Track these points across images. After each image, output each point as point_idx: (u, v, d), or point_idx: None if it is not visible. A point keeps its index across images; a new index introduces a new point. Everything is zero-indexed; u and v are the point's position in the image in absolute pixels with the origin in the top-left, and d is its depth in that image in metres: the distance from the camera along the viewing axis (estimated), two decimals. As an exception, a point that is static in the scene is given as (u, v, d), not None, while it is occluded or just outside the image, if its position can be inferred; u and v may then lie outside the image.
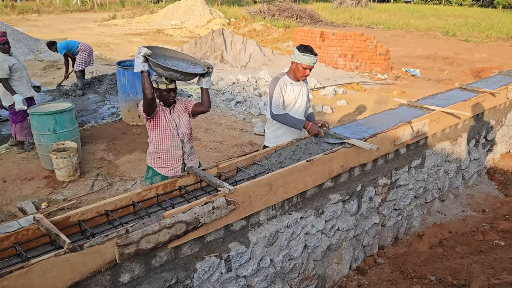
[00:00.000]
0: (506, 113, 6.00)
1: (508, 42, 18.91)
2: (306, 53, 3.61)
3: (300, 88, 3.85)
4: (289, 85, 3.77)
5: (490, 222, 4.67)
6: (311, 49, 3.66)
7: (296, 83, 3.81)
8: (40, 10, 26.58)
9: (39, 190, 5.05)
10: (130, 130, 6.95)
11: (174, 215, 2.38)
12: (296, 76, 3.76)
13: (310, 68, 3.71)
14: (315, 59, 3.66)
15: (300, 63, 3.66)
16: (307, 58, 3.61)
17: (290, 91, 3.77)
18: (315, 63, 3.70)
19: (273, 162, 3.26)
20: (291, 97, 3.80)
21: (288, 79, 3.79)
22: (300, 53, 3.63)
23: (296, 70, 3.72)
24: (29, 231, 2.24)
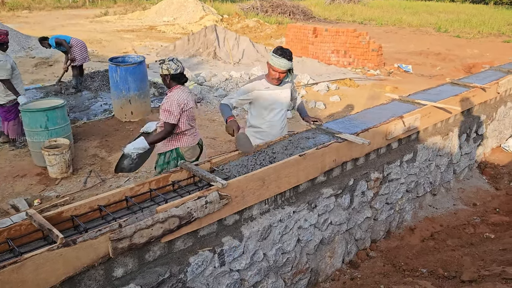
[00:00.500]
0: (497, 107, 6.07)
1: (499, 38, 19.06)
2: (275, 54, 3.41)
3: (280, 91, 3.65)
4: (263, 90, 3.58)
5: (481, 216, 4.73)
6: (287, 53, 3.43)
7: (273, 87, 3.61)
8: (31, 7, 26.30)
9: (31, 187, 5.03)
10: (123, 126, 6.93)
11: (167, 209, 2.39)
12: (269, 79, 3.60)
13: (280, 72, 3.48)
14: (287, 63, 3.42)
15: (271, 65, 3.48)
16: (276, 61, 3.42)
17: (265, 96, 3.59)
18: (288, 68, 3.47)
19: (266, 157, 3.27)
20: (267, 102, 3.62)
21: (265, 83, 3.61)
22: (272, 54, 3.45)
23: (268, 71, 3.57)
24: (21, 227, 2.24)
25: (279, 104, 3.68)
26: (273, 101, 3.64)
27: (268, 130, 3.74)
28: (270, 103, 3.63)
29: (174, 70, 3.58)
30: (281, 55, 3.40)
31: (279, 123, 3.77)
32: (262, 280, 3.08)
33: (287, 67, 3.46)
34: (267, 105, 3.64)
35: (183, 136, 3.76)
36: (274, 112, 3.69)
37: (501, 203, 5.02)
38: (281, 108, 3.72)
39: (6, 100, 5.68)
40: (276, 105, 3.67)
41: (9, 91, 5.62)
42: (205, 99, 8.57)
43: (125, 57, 7.61)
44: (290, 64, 3.46)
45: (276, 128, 3.77)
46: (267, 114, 3.68)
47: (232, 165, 3.11)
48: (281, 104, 3.70)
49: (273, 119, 3.71)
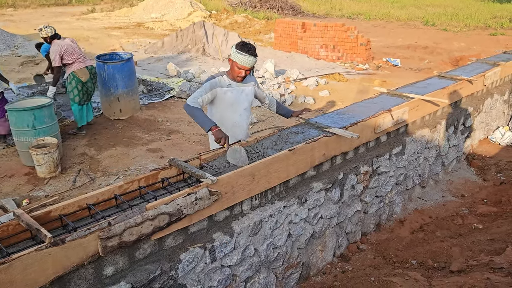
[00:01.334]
0: (483, 100, 6.13)
1: (485, 31, 19.24)
2: (241, 52, 3.19)
3: (243, 89, 3.46)
4: (225, 87, 3.37)
5: (469, 207, 4.79)
6: (251, 48, 3.23)
7: (235, 84, 3.41)
8: (16, 5, 25.89)
9: (19, 187, 4.97)
10: (111, 124, 6.88)
11: (157, 207, 2.38)
12: (232, 76, 3.39)
13: (246, 69, 3.29)
14: (251, 60, 3.22)
15: (234, 61, 3.27)
16: (241, 57, 3.21)
17: (228, 94, 3.39)
18: (252, 64, 3.27)
19: (255, 153, 3.27)
20: (228, 100, 3.41)
21: (226, 80, 3.39)
22: (235, 50, 3.22)
23: (232, 68, 3.34)
24: (9, 227, 2.21)
25: (242, 102, 3.49)
26: (236, 100, 3.44)
27: (233, 131, 3.48)
28: (232, 102, 3.43)
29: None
30: (248, 52, 3.20)
31: (244, 123, 3.58)
32: (253, 275, 3.09)
33: (253, 64, 3.28)
34: (229, 104, 3.43)
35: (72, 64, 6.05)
36: (236, 112, 3.49)
37: (489, 194, 5.08)
38: (244, 106, 3.52)
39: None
40: (240, 104, 3.48)
41: None
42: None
43: (113, 54, 7.53)
44: (256, 60, 3.29)
45: (241, 128, 3.58)
46: (230, 114, 3.47)
47: (221, 161, 3.11)
48: (244, 101, 3.51)
49: (238, 119, 3.51)
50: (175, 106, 7.97)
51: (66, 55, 5.95)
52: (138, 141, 6.27)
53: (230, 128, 3.48)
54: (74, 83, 6.12)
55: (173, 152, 5.85)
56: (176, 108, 7.86)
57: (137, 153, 5.86)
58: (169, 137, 6.49)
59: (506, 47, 13.79)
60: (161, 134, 6.60)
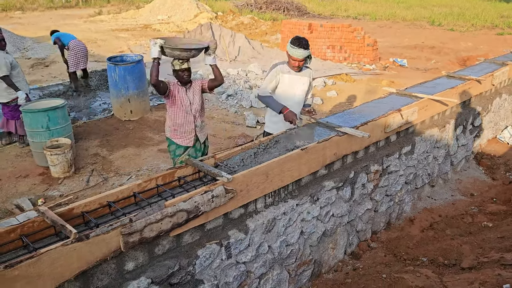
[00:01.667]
0: (492, 99, 6.16)
1: (492, 31, 19.18)
2: (294, 46, 3.73)
3: (300, 78, 3.94)
4: (286, 73, 3.89)
5: (478, 205, 4.82)
6: (303, 42, 3.73)
7: (294, 73, 3.91)
8: (24, 7, 26.15)
9: (34, 187, 5.07)
10: (122, 125, 6.97)
11: (176, 204, 2.45)
12: (290, 66, 3.89)
13: (299, 60, 3.79)
14: (303, 52, 3.73)
15: (290, 55, 3.80)
16: (293, 50, 3.74)
17: (286, 79, 3.89)
18: (305, 56, 3.77)
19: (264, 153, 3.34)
20: (286, 85, 3.91)
21: (286, 68, 3.91)
22: (290, 44, 3.76)
23: (288, 60, 3.88)
24: (34, 223, 2.29)
25: (297, 88, 3.95)
26: (293, 85, 3.93)
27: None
28: (290, 87, 3.92)
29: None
30: (298, 46, 3.70)
31: (297, 109, 3.99)
32: (267, 272, 3.16)
33: (305, 55, 3.75)
34: (287, 88, 3.92)
35: None
36: (293, 97, 3.94)
37: (498, 193, 5.11)
38: (298, 93, 3.97)
39: (10, 98, 5.71)
40: (295, 90, 3.94)
41: (11, 89, 5.67)
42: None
43: (123, 56, 7.64)
44: (308, 52, 3.75)
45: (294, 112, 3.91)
46: (287, 98, 3.91)
47: (235, 160, 3.18)
48: (300, 89, 3.96)
49: (290, 102, 3.91)
50: (184, 107, 8.04)
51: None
52: (149, 142, 6.35)
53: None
54: None
55: (183, 152, 5.92)
56: (185, 109, 7.93)
57: (149, 153, 5.94)
58: (179, 137, 6.56)
59: (514, 46, 13.75)
60: (171, 134, 6.67)
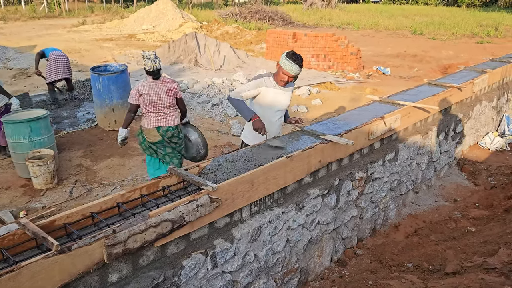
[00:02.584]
0: (473, 106, 6.28)
1: (472, 39, 19.64)
2: (290, 60, 3.57)
3: (283, 92, 3.82)
4: (271, 88, 3.75)
5: (462, 211, 4.89)
6: (299, 58, 3.61)
7: (279, 87, 3.78)
8: (6, 17, 25.88)
9: (16, 199, 4.97)
10: (107, 135, 6.91)
11: (160, 214, 2.43)
12: (277, 79, 3.76)
13: (289, 76, 3.65)
14: (297, 68, 3.60)
15: (283, 69, 3.65)
16: (288, 65, 3.60)
17: (271, 94, 3.75)
18: (296, 73, 3.64)
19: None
20: (270, 99, 3.77)
21: (272, 81, 3.77)
22: (284, 57, 3.61)
23: (277, 72, 3.73)
24: (15, 236, 2.25)
25: (280, 105, 3.84)
26: (275, 101, 3.79)
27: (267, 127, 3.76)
28: (272, 102, 3.78)
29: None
30: (295, 61, 3.57)
31: (277, 123, 3.92)
32: (253, 281, 3.14)
33: (297, 72, 3.64)
34: (269, 104, 3.78)
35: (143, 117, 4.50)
36: (274, 112, 3.84)
37: (480, 198, 5.19)
38: (281, 109, 3.88)
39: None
40: (278, 106, 3.83)
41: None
42: (188, 105, 8.59)
43: (107, 66, 7.59)
44: (300, 71, 3.65)
45: (274, 127, 3.91)
46: (267, 113, 3.80)
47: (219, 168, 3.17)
48: (282, 105, 3.86)
49: (272, 119, 3.84)
50: (170, 117, 8.01)
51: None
52: (134, 152, 6.30)
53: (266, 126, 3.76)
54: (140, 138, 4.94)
55: (169, 162, 5.89)
56: (171, 119, 7.90)
57: (133, 163, 5.89)
58: (165, 147, 6.53)
59: (493, 54, 14.09)
60: (156, 144, 6.63)
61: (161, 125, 4.35)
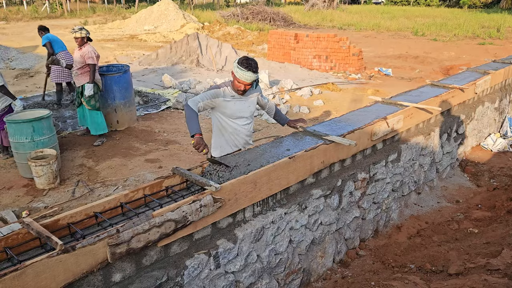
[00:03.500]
0: (475, 107, 6.27)
1: (474, 41, 19.62)
2: (241, 67, 3.25)
3: (245, 101, 3.55)
4: (229, 100, 3.46)
5: (464, 212, 4.88)
6: (252, 65, 3.27)
7: (239, 97, 3.49)
8: (8, 18, 25.95)
9: (18, 199, 4.98)
10: (109, 135, 6.91)
11: (163, 214, 2.43)
12: (233, 88, 3.47)
13: (245, 84, 3.34)
14: (251, 75, 3.27)
15: (236, 77, 3.34)
16: (240, 72, 3.27)
17: (231, 105, 3.48)
18: (251, 80, 3.32)
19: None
20: (232, 111, 3.51)
21: (229, 92, 3.47)
22: (237, 65, 3.28)
23: (233, 81, 3.44)
24: (19, 235, 2.25)
25: (244, 113, 3.58)
26: (236, 111, 3.53)
27: (232, 139, 3.64)
28: (233, 113, 3.52)
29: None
30: (247, 68, 3.25)
31: (244, 131, 3.65)
32: (256, 282, 3.14)
33: (252, 79, 3.32)
34: (231, 114, 3.52)
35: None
36: (238, 120, 3.58)
37: (483, 199, 5.18)
38: (246, 115, 3.61)
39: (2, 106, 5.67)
40: (242, 114, 3.57)
41: (2, 97, 5.67)
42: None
43: (109, 66, 7.60)
44: (256, 76, 3.34)
45: (240, 135, 3.65)
46: (231, 123, 3.57)
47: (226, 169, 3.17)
48: (245, 113, 3.59)
49: (237, 127, 3.60)
50: (172, 117, 8.03)
51: (97, 59, 6.35)
52: (136, 152, 6.31)
53: (230, 136, 3.63)
54: (95, 89, 6.43)
55: (171, 162, 5.90)
56: (173, 119, 7.92)
57: (135, 163, 5.90)
58: (167, 147, 6.54)
59: (495, 56, 14.08)
60: (159, 144, 6.64)
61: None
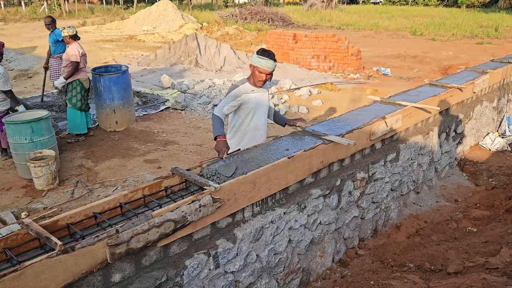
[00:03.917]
0: (473, 107, 6.28)
1: (472, 40, 19.65)
2: (263, 56, 3.46)
3: (263, 93, 3.71)
4: (250, 93, 3.60)
5: (463, 211, 4.89)
6: (271, 53, 3.49)
7: (258, 89, 3.64)
8: (6, 19, 25.92)
9: (17, 200, 4.97)
10: (108, 136, 6.91)
11: (163, 214, 2.43)
12: (254, 81, 3.61)
13: (267, 73, 3.53)
14: (272, 64, 3.48)
15: (256, 66, 3.51)
16: (262, 62, 3.46)
17: (253, 99, 3.62)
18: (273, 68, 3.52)
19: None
20: (254, 104, 3.64)
21: (249, 86, 3.61)
22: (257, 55, 3.49)
23: (253, 74, 3.58)
24: (18, 236, 2.25)
25: (263, 106, 3.74)
26: (258, 103, 3.68)
27: (253, 133, 3.76)
28: (256, 106, 3.66)
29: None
30: (268, 57, 3.46)
31: (263, 125, 3.80)
32: (255, 281, 3.14)
33: (273, 67, 3.52)
34: (252, 108, 3.65)
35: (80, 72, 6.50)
36: (258, 114, 3.72)
37: (481, 198, 5.19)
38: (264, 110, 3.78)
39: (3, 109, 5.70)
40: (261, 107, 3.72)
41: (4, 101, 5.68)
42: (189, 106, 8.61)
43: (108, 67, 7.61)
44: (275, 65, 3.54)
45: (260, 130, 3.79)
46: (251, 117, 3.69)
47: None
48: (265, 106, 3.77)
49: (258, 121, 3.73)
50: (170, 117, 8.03)
51: (82, 58, 6.50)
52: (135, 152, 6.31)
53: (251, 131, 3.73)
54: (79, 88, 6.55)
55: (170, 163, 5.90)
56: (172, 119, 7.92)
57: (134, 164, 5.90)
58: (166, 148, 6.54)
59: (493, 55, 14.10)
60: (158, 145, 6.65)
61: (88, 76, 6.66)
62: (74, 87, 6.53)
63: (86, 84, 6.62)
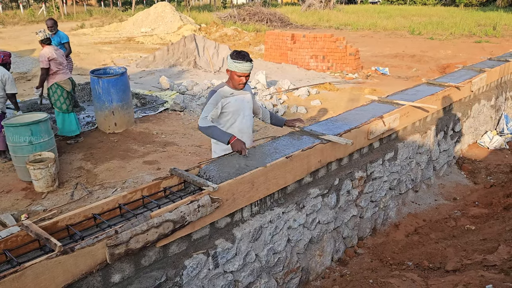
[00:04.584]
0: (471, 105, 6.30)
1: (470, 39, 19.67)
2: (238, 60, 3.36)
3: (244, 96, 3.61)
4: (229, 97, 3.51)
5: (461, 209, 4.91)
6: (245, 55, 3.40)
7: (237, 92, 3.55)
8: (5, 22, 25.93)
9: (17, 202, 4.99)
10: (107, 138, 6.93)
11: (161, 214, 2.45)
12: (233, 85, 3.53)
13: (245, 75, 3.45)
14: (249, 65, 3.40)
15: (233, 71, 3.43)
16: (239, 66, 3.37)
17: (233, 102, 3.53)
18: (250, 69, 3.44)
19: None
20: (234, 108, 3.54)
21: (228, 90, 3.53)
22: (232, 60, 3.39)
23: (231, 78, 3.49)
24: (18, 238, 2.27)
25: (246, 108, 3.65)
26: (240, 106, 3.59)
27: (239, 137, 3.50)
28: (237, 108, 3.57)
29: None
30: (243, 59, 3.37)
31: (247, 128, 3.70)
32: (255, 281, 3.15)
33: (250, 68, 3.44)
34: (234, 111, 3.56)
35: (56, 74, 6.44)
36: (242, 116, 3.63)
37: (480, 196, 5.21)
38: (248, 112, 3.68)
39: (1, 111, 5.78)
40: (244, 110, 3.63)
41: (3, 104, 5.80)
42: (188, 107, 8.62)
43: (106, 69, 7.62)
44: (252, 64, 3.45)
45: (246, 133, 3.69)
46: (234, 121, 3.60)
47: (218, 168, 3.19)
48: (248, 108, 3.67)
49: (242, 124, 3.64)
50: (169, 119, 8.04)
51: (54, 62, 6.37)
52: (134, 154, 6.32)
53: (236, 135, 3.56)
54: (59, 92, 6.52)
55: (169, 164, 5.92)
56: (170, 121, 7.93)
57: (134, 165, 5.91)
58: (165, 149, 6.56)
59: (491, 54, 14.12)
60: (157, 146, 6.66)
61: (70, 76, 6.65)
62: (54, 91, 6.50)
63: (67, 86, 6.50)
